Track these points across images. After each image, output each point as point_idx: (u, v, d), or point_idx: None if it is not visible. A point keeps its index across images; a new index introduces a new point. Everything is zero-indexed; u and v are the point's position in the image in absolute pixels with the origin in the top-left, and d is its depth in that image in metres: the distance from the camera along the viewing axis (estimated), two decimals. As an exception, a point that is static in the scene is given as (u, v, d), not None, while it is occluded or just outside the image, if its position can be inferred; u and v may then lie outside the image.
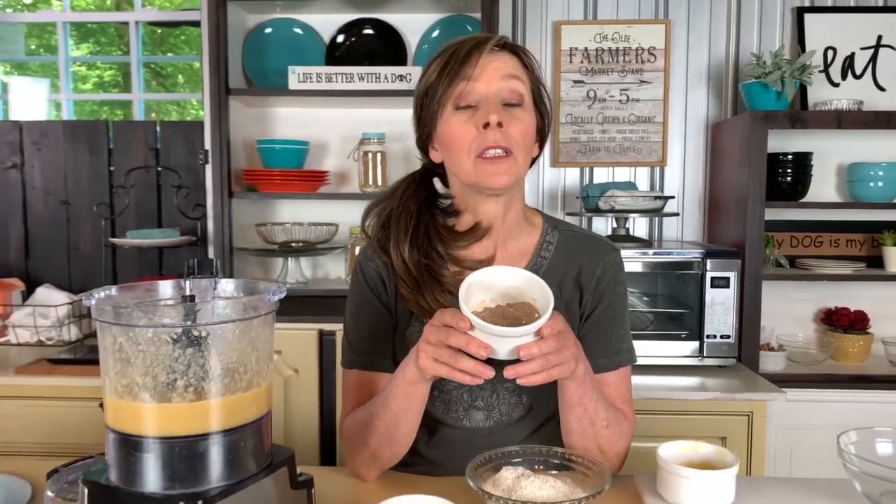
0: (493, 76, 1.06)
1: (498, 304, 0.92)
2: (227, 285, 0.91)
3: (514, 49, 1.11)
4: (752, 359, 2.22)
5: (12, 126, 2.68)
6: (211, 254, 2.61)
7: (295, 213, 2.57)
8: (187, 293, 0.84)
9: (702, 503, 0.97)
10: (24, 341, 2.41)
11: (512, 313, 0.90)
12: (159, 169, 2.65)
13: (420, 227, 1.13)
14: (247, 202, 2.49)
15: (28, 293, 2.60)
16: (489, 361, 0.90)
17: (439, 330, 0.90)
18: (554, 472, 0.98)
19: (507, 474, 0.95)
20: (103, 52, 2.95)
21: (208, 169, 2.51)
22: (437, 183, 1.21)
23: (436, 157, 1.15)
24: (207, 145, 2.47)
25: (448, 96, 1.08)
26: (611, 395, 1.11)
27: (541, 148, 1.16)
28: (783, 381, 2.14)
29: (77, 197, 2.68)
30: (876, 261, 2.47)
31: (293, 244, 2.43)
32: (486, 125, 1.04)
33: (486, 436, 1.14)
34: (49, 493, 0.97)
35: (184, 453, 0.78)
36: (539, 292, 0.89)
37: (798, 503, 1.00)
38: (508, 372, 0.88)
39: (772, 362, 2.29)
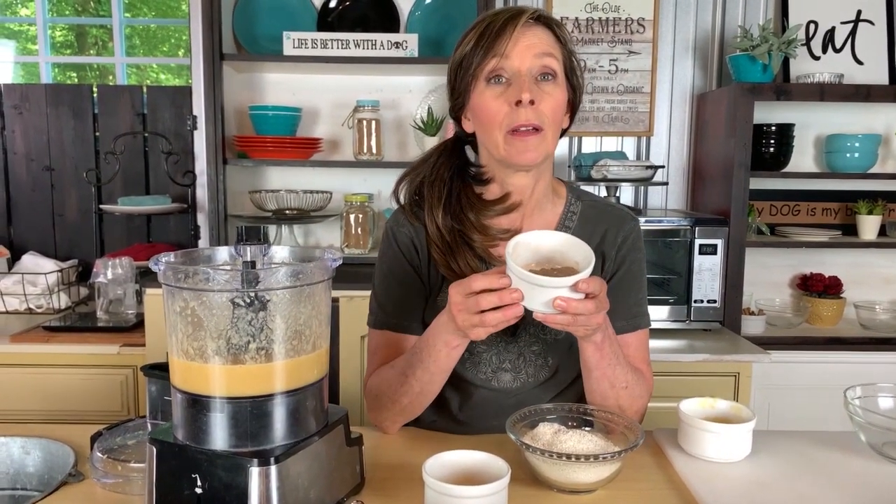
0: (526, 53, 1.07)
1: (543, 266, 0.96)
2: (279, 251, 0.94)
3: (549, 22, 1.11)
4: (734, 322, 2.31)
5: (-10, 88, 2.61)
6: (201, 221, 2.59)
7: (288, 181, 2.55)
8: (248, 259, 0.86)
9: (722, 454, 1.04)
10: (13, 309, 2.38)
11: (555, 275, 0.94)
12: (146, 135, 2.61)
13: (452, 195, 1.16)
14: (238, 169, 2.48)
15: (12, 260, 2.56)
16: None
17: (468, 300, 0.93)
18: (587, 428, 1.04)
19: (545, 430, 1.00)
20: (55, 11, 2.88)
21: (197, 135, 2.48)
22: (468, 151, 1.23)
23: (468, 126, 1.17)
24: (196, 111, 2.45)
25: (481, 70, 1.09)
26: (630, 356, 1.17)
27: (571, 119, 1.19)
28: (763, 343, 2.24)
29: (61, 163, 2.62)
30: (850, 229, 2.58)
31: (287, 212, 2.43)
32: (519, 102, 1.06)
33: (514, 396, 1.18)
34: (98, 454, 0.99)
35: (254, 412, 0.81)
36: (581, 255, 0.94)
37: (808, 454, 1.08)
38: (537, 315, 0.92)
39: (753, 326, 2.39)
